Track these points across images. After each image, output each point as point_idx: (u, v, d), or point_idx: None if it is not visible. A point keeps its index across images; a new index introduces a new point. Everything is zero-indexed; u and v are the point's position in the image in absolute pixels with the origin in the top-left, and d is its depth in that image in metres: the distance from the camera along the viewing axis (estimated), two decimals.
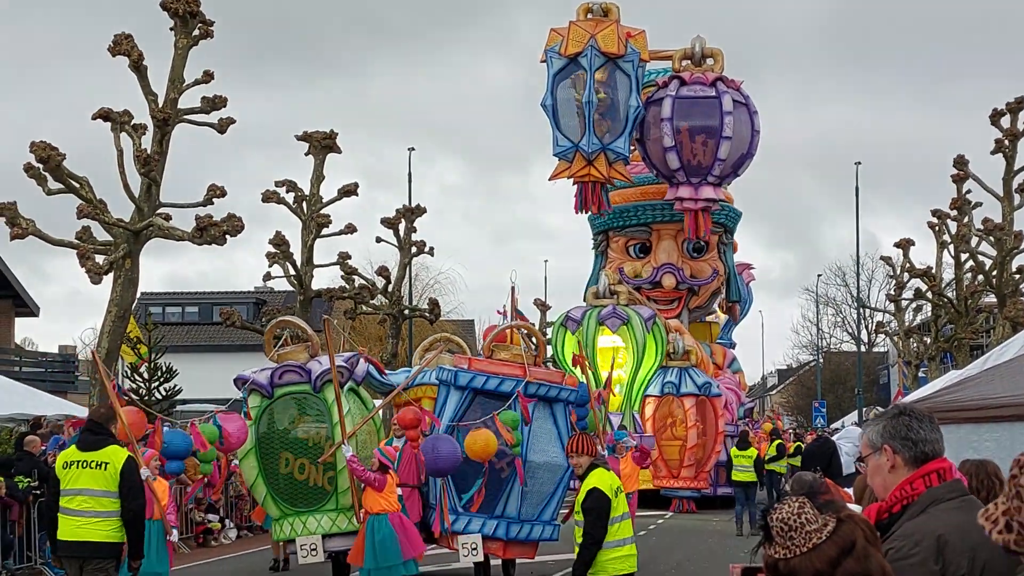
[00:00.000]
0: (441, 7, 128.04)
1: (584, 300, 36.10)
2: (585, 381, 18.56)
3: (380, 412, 17.94)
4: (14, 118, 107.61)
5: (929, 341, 51.37)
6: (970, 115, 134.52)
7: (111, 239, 26.43)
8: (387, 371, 20.96)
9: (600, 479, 10.51)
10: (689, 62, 33.71)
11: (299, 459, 16.90)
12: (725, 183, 33.94)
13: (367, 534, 15.34)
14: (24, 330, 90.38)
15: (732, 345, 39.97)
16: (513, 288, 19.10)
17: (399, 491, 16.58)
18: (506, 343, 17.68)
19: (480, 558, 16.78)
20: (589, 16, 31.86)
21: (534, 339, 18.35)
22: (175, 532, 14.64)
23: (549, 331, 64.57)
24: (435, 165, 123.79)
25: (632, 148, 33.78)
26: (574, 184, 32.13)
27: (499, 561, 17.81)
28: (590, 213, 35.44)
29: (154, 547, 14.09)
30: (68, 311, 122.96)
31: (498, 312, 19.30)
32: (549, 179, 32.46)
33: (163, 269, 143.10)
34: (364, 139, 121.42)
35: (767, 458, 32.34)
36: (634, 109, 31.59)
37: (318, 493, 16.88)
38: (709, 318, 38.58)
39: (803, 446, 33.98)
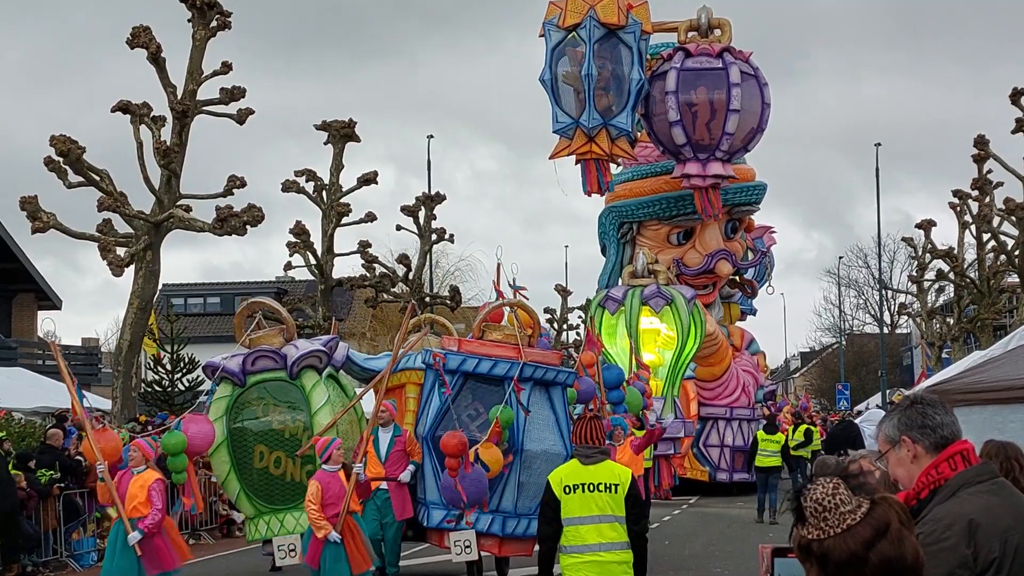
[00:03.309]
0: None
1: (598, 285, 35.77)
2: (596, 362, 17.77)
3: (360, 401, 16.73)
4: (34, 112, 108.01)
5: (952, 322, 51.22)
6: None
7: (132, 231, 26.50)
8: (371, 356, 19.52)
9: (555, 472, 9.71)
10: (695, 33, 32.68)
11: (275, 452, 15.71)
12: (735, 159, 33.02)
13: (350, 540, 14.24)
14: (47, 323, 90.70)
15: (753, 311, 39.38)
16: (499, 266, 18.19)
17: (383, 484, 15.71)
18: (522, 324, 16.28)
19: (475, 556, 15.51)
20: None
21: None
22: (136, 535, 13.30)
23: (571, 316, 64.74)
24: (471, 151, 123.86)
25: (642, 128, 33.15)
26: (576, 163, 31.32)
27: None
28: (616, 201, 34.88)
29: (118, 546, 13.43)
30: (96, 303, 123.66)
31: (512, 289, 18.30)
32: (549, 158, 31.47)
33: (195, 258, 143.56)
34: (400, 126, 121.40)
35: (794, 444, 32.00)
36: (636, 82, 30.68)
37: (296, 489, 15.55)
38: (732, 299, 38.06)
39: (812, 429, 33.59)
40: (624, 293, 31.07)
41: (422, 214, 43.70)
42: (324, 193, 38.09)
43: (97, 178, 25.94)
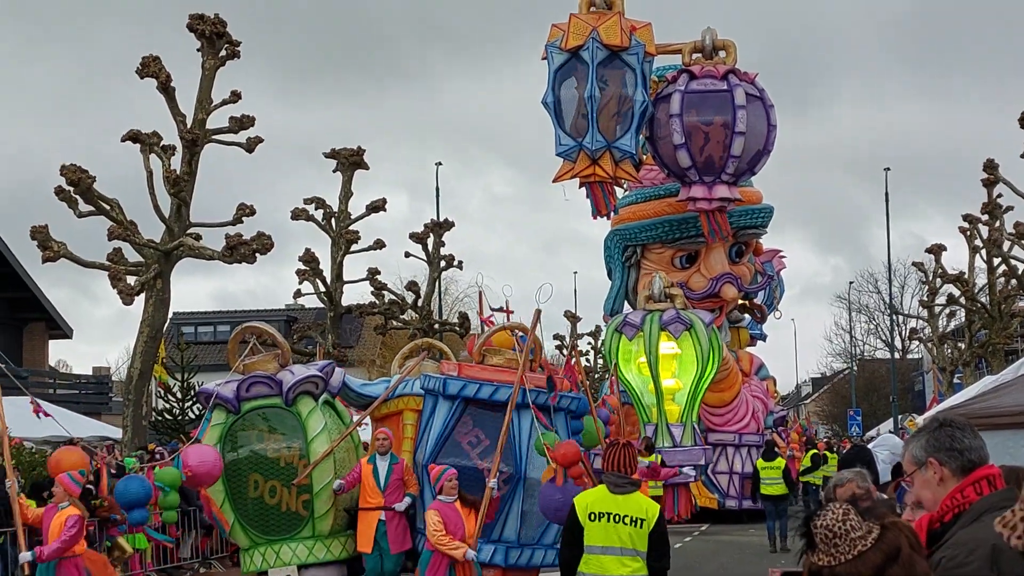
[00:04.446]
0: (506, 18, 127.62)
1: (604, 310, 35.63)
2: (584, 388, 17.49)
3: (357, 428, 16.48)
4: (45, 142, 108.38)
5: (963, 347, 51.05)
6: None
7: (142, 260, 26.55)
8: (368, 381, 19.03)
9: (582, 496, 9.60)
10: (700, 55, 32.41)
11: (269, 481, 15.19)
12: (741, 181, 32.71)
13: None
14: (59, 352, 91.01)
15: (764, 337, 39.09)
16: (481, 293, 17.88)
17: (382, 514, 15.30)
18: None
19: None
20: (592, 9, 30.88)
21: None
22: (27, 555, 12.93)
23: (581, 343, 64.68)
24: (486, 176, 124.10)
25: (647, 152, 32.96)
26: (580, 186, 31.10)
27: None
28: (620, 225, 34.72)
29: None
30: (108, 332, 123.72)
31: (481, 318, 17.94)
32: (553, 181, 31.24)
33: (210, 287, 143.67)
34: (416, 152, 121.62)
35: (802, 469, 31.76)
36: (640, 104, 30.45)
37: (292, 519, 15.20)
38: (741, 323, 37.82)
39: (818, 454, 33.37)
40: (642, 318, 30.52)
41: (431, 241, 43.75)
42: (333, 221, 38.15)
43: (107, 207, 25.99)
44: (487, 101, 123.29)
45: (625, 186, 33.48)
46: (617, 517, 9.18)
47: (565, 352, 63.60)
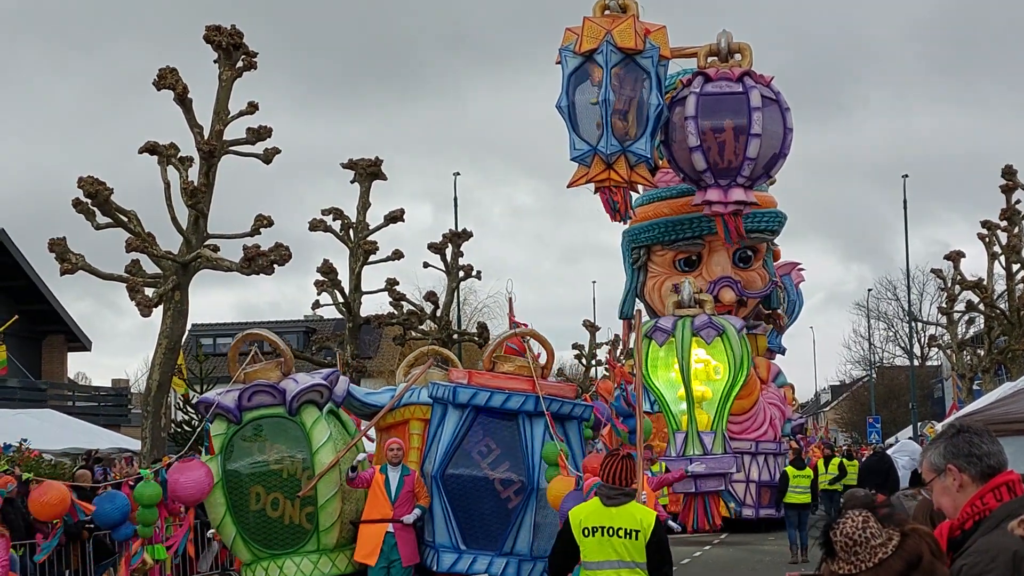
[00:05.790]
0: (529, 29, 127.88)
1: (620, 316, 35.57)
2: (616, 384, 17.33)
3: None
4: (61, 155, 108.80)
5: (983, 353, 50.81)
6: None
7: (160, 272, 26.59)
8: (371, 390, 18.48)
9: (575, 512, 9.31)
10: (715, 59, 32.19)
11: (272, 493, 14.80)
12: (757, 185, 32.44)
13: None
14: (78, 364, 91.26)
15: (783, 350, 38.82)
16: (511, 299, 17.74)
17: (390, 527, 14.91)
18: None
19: None
20: (606, 13, 30.73)
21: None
22: None
23: (599, 352, 64.54)
24: (510, 186, 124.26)
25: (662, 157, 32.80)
26: (595, 192, 30.95)
27: None
28: (628, 226, 34.60)
29: None
30: (127, 344, 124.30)
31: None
32: (567, 186, 31.09)
33: (232, 298, 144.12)
34: (439, 163, 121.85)
35: (829, 479, 31.63)
36: (655, 107, 30.21)
37: (295, 532, 14.82)
38: (757, 330, 37.52)
39: (844, 463, 33.25)
40: (673, 323, 30.16)
41: (449, 251, 43.74)
42: (351, 231, 38.13)
43: (125, 219, 26.05)
44: (510, 112, 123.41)
45: (640, 190, 33.38)
46: (611, 530, 8.99)
47: (583, 362, 63.60)
